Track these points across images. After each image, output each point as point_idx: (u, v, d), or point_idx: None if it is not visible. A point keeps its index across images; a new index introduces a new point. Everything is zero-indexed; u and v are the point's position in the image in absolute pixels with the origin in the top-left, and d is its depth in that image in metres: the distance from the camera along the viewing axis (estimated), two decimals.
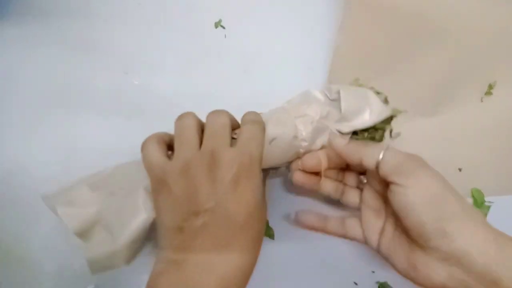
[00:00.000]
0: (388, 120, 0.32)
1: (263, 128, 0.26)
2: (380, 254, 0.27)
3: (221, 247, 0.22)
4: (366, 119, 0.30)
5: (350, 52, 0.39)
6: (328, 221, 0.30)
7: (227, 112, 0.26)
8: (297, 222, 0.31)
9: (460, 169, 0.37)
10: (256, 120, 0.26)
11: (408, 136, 0.37)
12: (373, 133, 0.32)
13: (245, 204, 0.23)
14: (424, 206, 0.22)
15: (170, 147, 0.26)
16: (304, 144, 0.29)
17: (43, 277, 0.32)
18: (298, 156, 0.30)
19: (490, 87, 0.38)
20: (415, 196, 0.23)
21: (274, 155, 0.28)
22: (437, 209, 0.22)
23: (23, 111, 0.37)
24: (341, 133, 0.30)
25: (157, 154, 0.24)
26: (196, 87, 0.34)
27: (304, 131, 0.29)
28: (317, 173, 0.31)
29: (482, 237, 0.22)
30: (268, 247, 0.34)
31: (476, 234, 0.22)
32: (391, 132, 0.33)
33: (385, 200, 0.27)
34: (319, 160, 0.29)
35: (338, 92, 0.30)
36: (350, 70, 0.38)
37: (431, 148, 0.37)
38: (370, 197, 0.29)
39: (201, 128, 0.25)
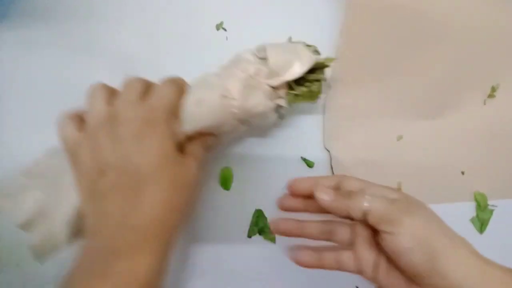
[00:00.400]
0: (322, 70, 0.32)
1: (176, 85, 0.26)
2: (379, 286, 0.27)
3: (130, 200, 0.22)
4: (296, 70, 0.30)
5: (351, 54, 0.38)
6: (323, 257, 0.28)
7: (143, 80, 0.26)
8: (293, 259, 0.29)
9: (463, 173, 0.36)
10: (170, 79, 0.27)
11: (410, 139, 0.37)
12: (310, 85, 0.32)
13: (150, 153, 0.23)
14: (414, 250, 0.23)
15: None
16: (235, 103, 0.29)
17: (42, 280, 0.32)
18: (236, 118, 0.29)
19: (493, 89, 0.38)
20: (404, 242, 0.23)
21: (203, 116, 0.28)
22: (427, 251, 0.23)
23: (23, 114, 0.37)
24: (273, 88, 0.30)
25: (70, 129, 0.24)
26: None
27: (233, 90, 0.28)
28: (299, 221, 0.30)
29: (470, 269, 0.23)
30: (269, 251, 0.34)
31: (466, 267, 0.23)
32: (325, 80, 0.33)
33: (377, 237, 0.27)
34: (306, 181, 0.29)
35: (266, 50, 0.31)
36: (351, 71, 0.38)
37: (434, 151, 0.37)
38: (363, 232, 0.27)
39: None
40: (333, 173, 0.36)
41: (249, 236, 0.35)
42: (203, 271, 0.33)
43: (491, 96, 0.38)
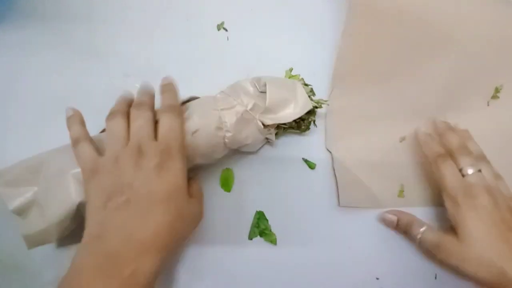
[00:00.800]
0: (313, 111, 0.35)
1: (178, 115, 0.29)
2: None
3: (141, 217, 0.25)
4: (290, 112, 0.33)
5: (353, 56, 0.38)
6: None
7: (148, 105, 0.29)
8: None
9: None
10: (171, 107, 0.29)
11: (413, 140, 0.37)
12: (299, 123, 0.35)
13: (166, 183, 0.26)
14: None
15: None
16: (228, 134, 0.31)
17: (42, 282, 0.32)
18: (227, 147, 0.32)
19: (497, 90, 0.38)
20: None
21: (197, 146, 0.30)
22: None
23: (23, 116, 0.37)
24: (264, 125, 0.32)
25: (90, 149, 0.28)
26: (198, 90, 0.34)
27: (229, 122, 0.31)
28: None
29: None
30: (270, 253, 0.34)
31: None
32: (314, 122, 0.36)
33: None
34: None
35: (266, 85, 0.32)
36: (353, 74, 0.38)
37: None
38: None
39: (129, 122, 0.29)
40: (335, 175, 0.36)
41: (250, 238, 0.34)
42: (204, 273, 0.33)
43: (494, 97, 0.38)
